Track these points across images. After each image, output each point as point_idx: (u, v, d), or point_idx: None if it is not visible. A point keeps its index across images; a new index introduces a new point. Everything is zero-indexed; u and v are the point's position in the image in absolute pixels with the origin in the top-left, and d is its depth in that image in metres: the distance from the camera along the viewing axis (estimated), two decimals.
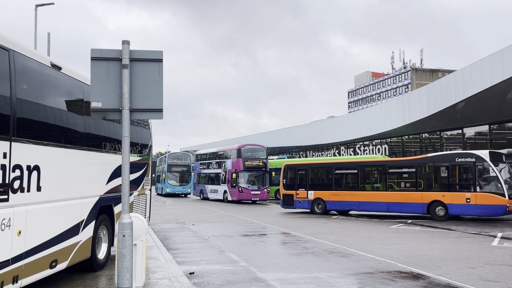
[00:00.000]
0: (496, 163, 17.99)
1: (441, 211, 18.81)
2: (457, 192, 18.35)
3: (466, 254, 10.86)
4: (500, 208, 17.37)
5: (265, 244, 12.71)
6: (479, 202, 17.73)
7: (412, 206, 19.61)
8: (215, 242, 13.02)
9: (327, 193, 22.75)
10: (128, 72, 5.82)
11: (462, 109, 28.09)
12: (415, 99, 32.09)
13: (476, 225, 17.37)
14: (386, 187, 20.72)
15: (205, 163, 38.75)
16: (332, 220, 20.20)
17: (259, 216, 22.35)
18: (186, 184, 44.22)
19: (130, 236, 5.78)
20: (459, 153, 19.05)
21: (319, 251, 11.38)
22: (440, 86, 28.87)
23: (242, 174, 32.78)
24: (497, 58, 23.01)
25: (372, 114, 38.83)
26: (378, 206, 20.72)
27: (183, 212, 25.15)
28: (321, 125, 49.11)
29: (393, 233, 15.24)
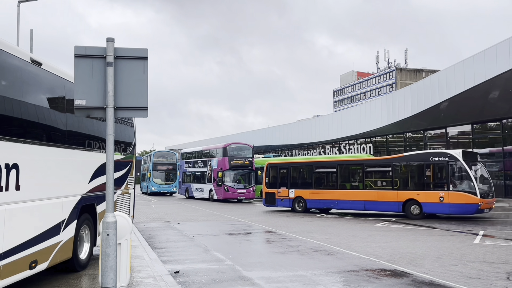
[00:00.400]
0: (469, 163, 18.27)
1: (416, 210, 19.08)
2: (431, 191, 18.62)
3: (448, 252, 11.01)
4: (472, 206, 17.65)
5: (250, 243, 12.72)
6: (452, 200, 18.00)
7: (388, 204, 19.89)
8: (201, 241, 12.98)
9: (307, 192, 23.06)
10: (112, 69, 5.76)
11: (445, 108, 28.45)
12: (399, 98, 32.39)
13: (459, 223, 17.61)
14: (364, 185, 21.02)
15: (190, 161, 38.60)
16: (317, 218, 20.29)
17: (245, 214, 22.35)
18: (171, 183, 44.00)
19: (114, 235, 5.73)
20: (433, 152, 19.38)
21: (304, 250, 11.42)
22: (424, 86, 29.19)
23: (228, 173, 32.74)
24: (479, 59, 23.34)
25: (357, 113, 39.10)
26: (356, 205, 21.03)
27: (168, 210, 25.03)
28: (306, 124, 49.30)
29: (378, 231, 15.37)
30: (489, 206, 18.15)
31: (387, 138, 39.62)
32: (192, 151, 40.03)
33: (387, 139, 39.65)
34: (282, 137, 52.57)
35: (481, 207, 17.58)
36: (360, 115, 38.33)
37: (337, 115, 45.22)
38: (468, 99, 25.80)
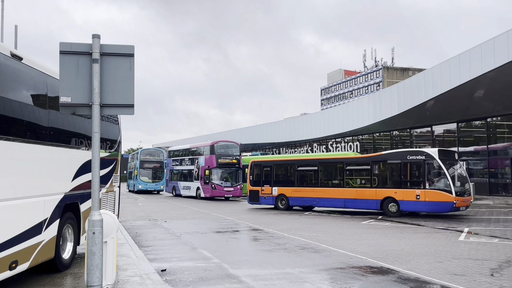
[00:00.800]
0: (446, 161, 18.50)
1: (393, 207, 19.32)
2: (408, 189, 18.86)
3: (434, 249, 11.13)
4: (447, 204, 17.86)
5: (237, 241, 12.73)
6: (428, 198, 18.23)
7: (367, 202, 20.14)
8: (188, 239, 12.95)
9: (289, 189, 23.33)
10: (98, 66, 5.71)
11: (431, 107, 28.73)
12: (386, 97, 32.63)
13: (444, 220, 17.82)
14: (344, 184, 21.26)
15: (177, 159, 38.47)
16: (304, 216, 20.38)
17: (232, 212, 22.37)
18: (158, 181, 43.82)
19: (100, 233, 5.69)
20: (410, 151, 19.65)
21: (292, 247, 11.46)
22: (411, 85, 29.43)
23: (215, 171, 32.70)
24: (464, 58, 23.60)
25: (344, 112, 39.30)
26: (336, 202, 21.30)
27: (155, 209, 24.93)
28: (294, 122, 49.40)
29: (364, 229, 15.50)
30: (465, 204, 18.35)
31: (374, 136, 39.90)
32: (179, 149, 39.88)
33: (374, 137, 39.92)
34: (269, 135, 52.63)
35: (456, 205, 17.77)
36: (347, 113, 38.53)
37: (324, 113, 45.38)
38: (453, 97, 26.08)
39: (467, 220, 17.80)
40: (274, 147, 56.03)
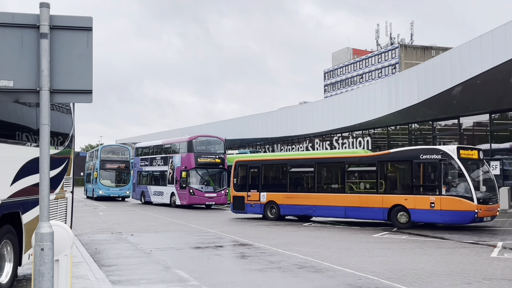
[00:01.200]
0: (467, 161, 18.70)
1: (403, 217, 19.45)
2: (421, 195, 18.96)
3: (461, 268, 11.24)
4: (467, 214, 17.89)
5: (221, 258, 12.74)
6: (444, 207, 18.28)
7: (372, 211, 20.25)
8: (160, 257, 12.94)
9: (280, 195, 23.47)
10: (47, 43, 5.66)
11: (459, 94, 28.91)
12: (403, 82, 32.79)
13: (473, 233, 17.99)
14: (345, 188, 21.40)
15: (147, 158, 38.37)
16: (304, 228, 20.45)
17: (215, 224, 22.38)
18: (123, 185, 43.72)
19: (50, 249, 5.65)
20: (423, 148, 19.84)
21: (287, 266, 11.50)
22: (433, 67, 29.60)
23: (194, 173, 32.68)
24: (499, 34, 23.76)
25: (353, 100, 39.46)
26: (335, 211, 21.46)
27: (120, 219, 24.87)
28: (291, 112, 49.50)
29: (376, 243, 15.58)
30: (490, 214, 18.43)
31: (389, 130, 40.12)
32: (149, 145, 39.77)
33: (389, 132, 40.14)
34: (261, 129, 52.67)
35: (479, 215, 17.81)
36: (357, 102, 38.70)
37: (328, 102, 45.48)
38: (486, 83, 26.26)
39: (502, 232, 18.01)
40: (267, 143, 56.10)
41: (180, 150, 34.30)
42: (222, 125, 59.80)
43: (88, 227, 20.83)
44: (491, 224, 20.40)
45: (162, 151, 37.02)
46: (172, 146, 35.94)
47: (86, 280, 9.73)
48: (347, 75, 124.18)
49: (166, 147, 36.79)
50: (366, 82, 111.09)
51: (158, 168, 36.62)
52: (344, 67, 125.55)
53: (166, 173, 35.22)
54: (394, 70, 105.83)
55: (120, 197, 44.19)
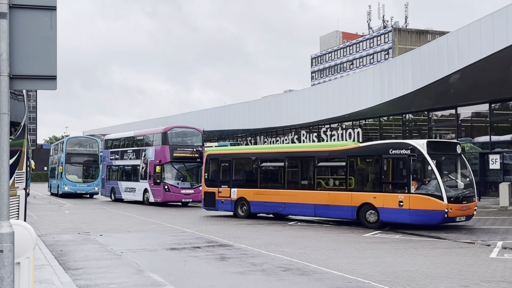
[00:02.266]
0: (439, 156, 19.00)
1: (372, 216, 19.68)
2: (390, 193, 19.17)
3: (458, 269, 11.38)
4: (435, 214, 18.08)
5: (199, 260, 12.75)
6: (412, 206, 18.48)
7: (341, 209, 20.50)
8: (132, 259, 12.90)
9: (251, 192, 23.76)
10: (6, 23, 5.59)
11: (457, 82, 29.16)
12: (397, 69, 32.98)
13: (471, 232, 18.22)
14: (314, 185, 21.65)
15: (118, 151, 38.16)
16: (289, 227, 20.53)
17: (192, 223, 22.38)
18: (91, 181, 43.42)
19: (10, 251, 5.61)
20: (393, 142, 20.15)
21: (271, 268, 11.55)
22: (429, 53, 29.80)
23: (169, 167, 32.58)
24: (500, 18, 23.97)
25: (342, 88, 39.60)
26: (305, 209, 21.75)
27: (88, 218, 24.76)
28: (275, 102, 49.54)
29: (367, 243, 15.71)
30: (464, 213, 18.63)
31: (381, 121, 40.36)
32: (120, 137, 39.54)
33: (381, 123, 40.39)
34: (242, 120, 52.65)
35: (449, 215, 17.98)
36: (346, 90, 38.84)
37: (315, 90, 45.57)
38: (485, 70, 26.51)
39: (502, 231, 18.26)
40: (249, 135, 56.13)
41: (154, 142, 34.15)
42: (200, 115, 59.67)
43: (53, 227, 20.69)
44: (490, 223, 20.69)
45: (134, 143, 36.81)
46: (145, 138, 35.77)
47: (50, 284, 9.67)
48: (336, 61, 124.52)
49: (138, 139, 36.60)
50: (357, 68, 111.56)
51: (129, 162, 36.42)
52: (332, 52, 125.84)
53: (139, 168, 35.05)
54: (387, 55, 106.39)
55: (88, 193, 43.88)
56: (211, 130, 54.66)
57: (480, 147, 32.32)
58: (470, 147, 32.90)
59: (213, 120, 56.48)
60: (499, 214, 23.85)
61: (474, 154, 32.61)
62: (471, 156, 32.77)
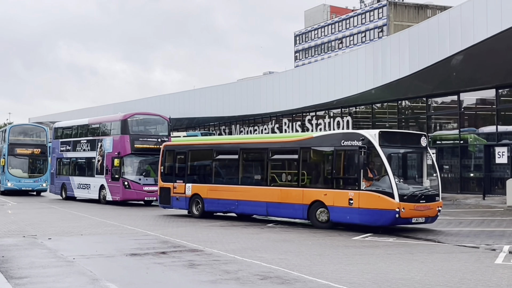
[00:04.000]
0: (392, 149, 19.38)
1: (323, 215, 20.10)
2: (340, 190, 19.56)
3: (459, 277, 11.49)
4: (385, 213, 18.33)
5: (164, 268, 12.71)
6: (362, 204, 18.82)
7: (293, 207, 20.91)
8: (85, 266, 12.81)
9: (205, 188, 24.21)
10: None
11: (459, 65, 29.39)
12: (392, 48, 33.12)
13: (474, 234, 18.43)
14: (268, 180, 22.04)
15: (69, 142, 37.82)
16: (268, 229, 20.56)
17: (156, 224, 22.31)
18: (39, 176, 43.04)
19: None
20: (345, 133, 20.63)
21: (247, 276, 11.55)
22: (429, 31, 29.97)
23: (130, 160, 32.39)
24: None
25: (330, 71, 39.67)
26: (257, 207, 22.27)
27: (34, 219, 24.55)
28: (252, 85, 49.49)
29: (357, 248, 15.80)
30: (422, 214, 18.83)
31: (374, 109, 40.57)
32: (72, 125, 39.17)
33: (374, 110, 40.60)
34: (215, 106, 52.52)
35: (401, 215, 18.17)
36: (335, 73, 38.93)
37: (300, 73, 45.62)
38: (492, 51, 26.74)
39: (509, 234, 18.48)
40: (222, 123, 56.04)
41: (111, 131, 33.87)
42: (166, 100, 59.41)
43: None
44: (495, 225, 20.96)
45: (88, 132, 36.49)
46: (102, 126, 35.46)
47: None
48: (323, 39, 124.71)
49: (93, 128, 36.28)
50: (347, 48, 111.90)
51: (83, 155, 36.12)
52: (319, 29, 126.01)
53: (94, 161, 34.78)
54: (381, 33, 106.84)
55: (34, 190, 43.46)
56: (179, 118, 54.45)
57: (485, 139, 32.66)
58: (474, 138, 33.27)
59: (181, 106, 56.28)
60: (506, 215, 24.16)
61: (479, 147, 32.99)
62: (475, 149, 33.14)
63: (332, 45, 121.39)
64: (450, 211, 26.39)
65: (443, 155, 35.34)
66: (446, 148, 35.27)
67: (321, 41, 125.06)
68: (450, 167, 35.24)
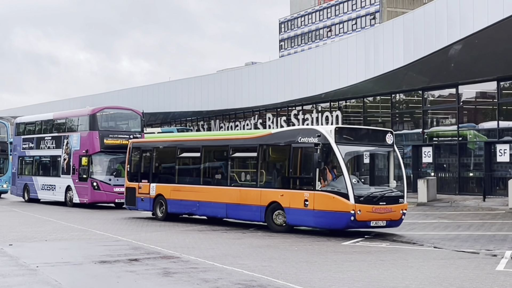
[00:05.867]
0: (348, 146, 19.50)
1: (280, 218, 20.45)
2: (297, 190, 19.84)
3: (457, 285, 11.56)
4: (339, 216, 18.55)
5: (136, 276, 12.68)
6: (317, 206, 19.05)
7: (251, 209, 21.27)
8: (50, 275, 12.74)
9: (168, 188, 24.63)
10: None
11: (458, 55, 29.53)
12: (386, 37, 33.22)
13: (474, 238, 18.55)
14: (228, 180, 22.48)
15: (32, 138, 37.58)
16: (250, 234, 20.57)
17: (128, 229, 22.26)
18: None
19: None
20: (302, 129, 21.17)
21: (227, 285, 11.54)
22: (425, 18, 30.08)
23: (99, 159, 32.25)
24: None
25: (318, 61, 39.72)
26: (217, 209, 22.74)
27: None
28: (234, 77, 49.46)
29: (347, 254, 15.84)
30: (381, 217, 18.98)
31: (365, 102, 40.67)
32: (35, 120, 38.93)
33: (365, 104, 40.70)
34: (192, 100, 52.40)
35: (357, 218, 18.33)
36: (323, 64, 38.97)
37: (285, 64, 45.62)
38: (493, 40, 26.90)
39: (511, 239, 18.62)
40: (200, 118, 55.95)
41: (79, 127, 33.68)
42: (139, 93, 59.22)
43: None
44: (496, 229, 21.10)
45: (53, 128, 36.25)
46: (68, 121, 35.24)
47: None
48: (310, 26, 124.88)
49: (59, 123, 36.05)
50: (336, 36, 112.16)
51: (47, 153, 35.91)
52: (306, 15, 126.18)
53: (60, 160, 34.60)
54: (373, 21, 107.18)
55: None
56: (153, 112, 54.35)
57: (486, 135, 32.87)
58: (473, 135, 33.46)
59: (156, 100, 56.13)
60: (508, 218, 24.32)
61: (478, 144, 33.18)
62: (474, 146, 33.34)
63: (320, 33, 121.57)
64: (448, 213, 26.55)
65: (440, 153, 35.54)
66: (443, 145, 35.46)
67: (308, 28, 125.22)
68: (447, 166, 35.42)
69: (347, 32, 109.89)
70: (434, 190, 31.85)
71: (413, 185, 33.29)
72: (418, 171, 35.65)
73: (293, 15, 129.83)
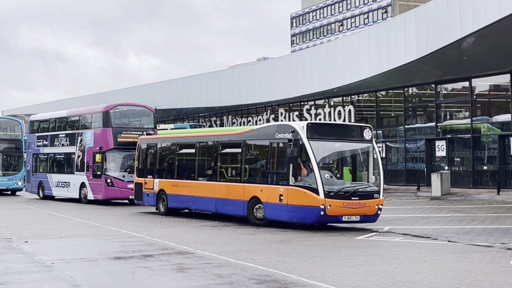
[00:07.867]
0: (320, 142, 19.76)
1: (260, 212, 21.08)
2: (273, 186, 20.53)
3: (472, 279, 11.54)
4: (310, 210, 19.01)
5: (151, 272, 12.71)
6: (290, 201, 19.60)
7: (235, 204, 22.00)
8: (66, 271, 12.80)
9: (169, 183, 25.57)
10: None
11: (471, 48, 29.41)
12: (398, 31, 33.11)
13: (488, 232, 18.49)
14: (217, 175, 23.26)
15: (47, 136, 37.73)
16: (264, 229, 20.60)
17: (142, 225, 22.33)
18: (14, 173, 42.98)
19: None
20: (279, 125, 21.57)
21: (241, 281, 11.56)
22: (437, 11, 29.96)
23: (113, 156, 32.32)
24: None
25: (330, 56, 39.63)
26: (208, 204, 23.50)
27: (9, 220, 24.57)
28: (246, 73, 49.43)
29: (360, 248, 15.84)
30: (353, 212, 19.18)
31: (378, 97, 40.58)
32: (49, 118, 39.06)
33: (378, 98, 40.61)
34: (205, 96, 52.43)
35: (328, 212, 18.68)
36: (335, 58, 38.89)
37: (297, 59, 45.54)
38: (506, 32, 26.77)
39: None
40: (213, 114, 55.97)
41: (92, 124, 33.79)
42: (151, 90, 59.29)
43: None
44: (510, 222, 21.02)
45: (67, 125, 36.39)
46: (82, 118, 35.35)
47: None
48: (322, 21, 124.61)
49: (73, 120, 36.18)
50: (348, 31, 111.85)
51: (62, 150, 36.06)
52: (318, 10, 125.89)
53: (74, 157, 34.73)
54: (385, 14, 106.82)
55: (9, 190, 43.42)
56: (165, 109, 54.45)
57: (500, 128, 32.74)
58: (487, 128, 33.33)
59: (168, 97, 56.18)
60: None
61: (492, 137, 33.04)
62: (488, 140, 33.20)
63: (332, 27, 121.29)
64: (462, 207, 26.47)
65: (453, 147, 35.42)
66: (457, 139, 35.33)
67: (320, 23, 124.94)
68: (461, 159, 35.29)
69: (359, 26, 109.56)
70: (448, 184, 31.79)
71: (427, 179, 33.24)
72: (432, 165, 35.55)
73: (305, 10, 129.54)
